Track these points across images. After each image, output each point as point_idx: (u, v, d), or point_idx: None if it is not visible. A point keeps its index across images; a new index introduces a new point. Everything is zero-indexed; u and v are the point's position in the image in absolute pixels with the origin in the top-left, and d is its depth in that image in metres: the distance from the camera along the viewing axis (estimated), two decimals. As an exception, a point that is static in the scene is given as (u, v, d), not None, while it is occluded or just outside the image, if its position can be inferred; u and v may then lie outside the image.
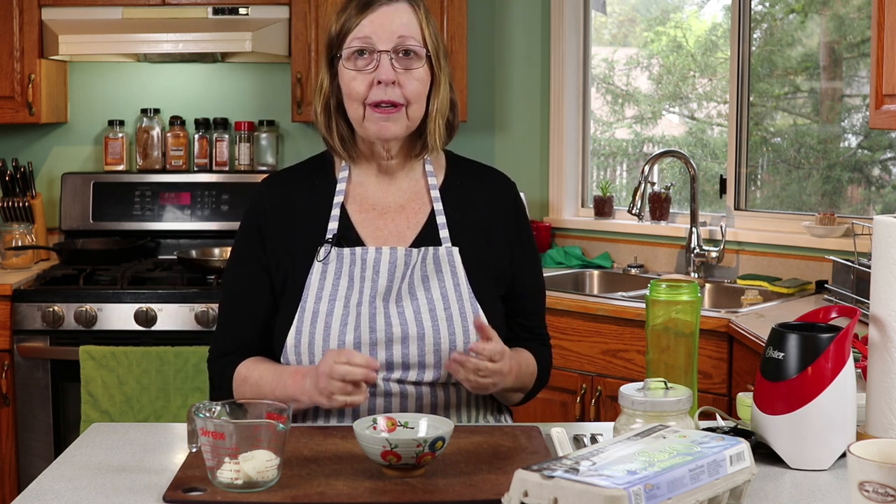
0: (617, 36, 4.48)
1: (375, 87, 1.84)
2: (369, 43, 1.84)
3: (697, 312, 1.75)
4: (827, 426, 1.57)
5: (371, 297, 1.85)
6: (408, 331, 1.84)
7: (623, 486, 1.20)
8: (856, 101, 3.76)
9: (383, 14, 1.85)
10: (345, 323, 1.84)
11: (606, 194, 4.09)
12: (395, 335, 1.84)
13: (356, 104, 1.86)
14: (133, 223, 4.05)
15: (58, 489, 1.51)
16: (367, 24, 1.84)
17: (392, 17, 1.85)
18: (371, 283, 1.86)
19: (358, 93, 1.85)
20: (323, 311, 1.85)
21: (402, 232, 1.93)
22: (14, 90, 3.81)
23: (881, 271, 1.62)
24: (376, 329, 1.84)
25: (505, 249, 1.96)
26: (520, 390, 1.95)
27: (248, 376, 1.89)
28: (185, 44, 3.77)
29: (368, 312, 1.84)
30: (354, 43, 1.84)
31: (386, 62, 1.83)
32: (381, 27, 1.84)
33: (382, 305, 1.85)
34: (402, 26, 1.85)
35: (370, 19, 1.84)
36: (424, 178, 1.96)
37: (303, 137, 4.23)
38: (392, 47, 1.84)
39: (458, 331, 1.85)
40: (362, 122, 1.87)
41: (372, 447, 1.50)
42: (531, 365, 1.96)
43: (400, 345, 1.84)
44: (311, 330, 1.84)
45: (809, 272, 3.49)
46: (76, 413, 3.44)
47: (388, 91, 1.83)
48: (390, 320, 1.84)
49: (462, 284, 1.88)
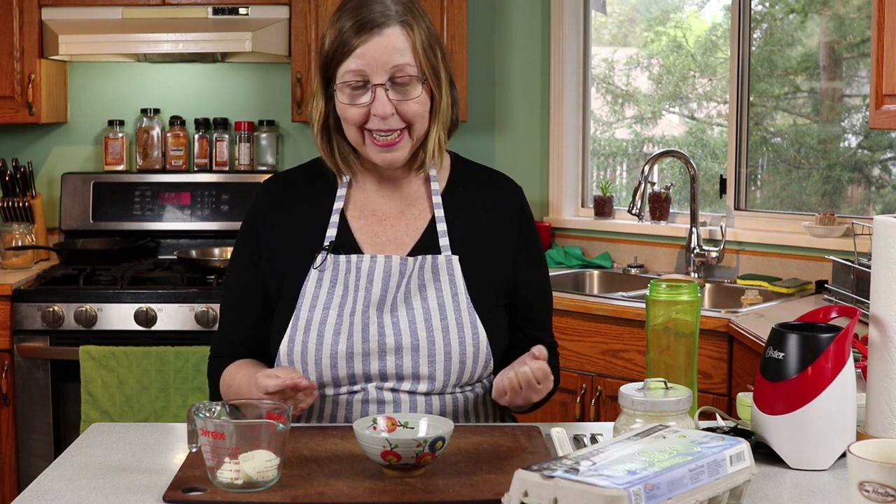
0: (617, 36, 4.48)
1: (373, 118, 1.80)
2: (363, 76, 1.79)
3: (697, 312, 1.74)
4: (827, 426, 1.57)
5: (364, 307, 1.83)
6: (401, 341, 1.81)
7: (623, 486, 1.20)
8: (856, 101, 3.76)
9: (375, 45, 1.78)
10: (337, 332, 1.81)
11: (606, 194, 4.09)
12: (388, 345, 1.81)
13: (354, 129, 1.83)
14: (133, 223, 4.05)
15: (58, 489, 1.51)
16: (359, 54, 1.78)
17: (384, 46, 1.78)
18: (364, 293, 1.83)
19: (355, 120, 1.81)
20: (316, 319, 1.83)
21: (400, 239, 1.90)
22: (14, 90, 3.81)
23: (881, 271, 1.62)
24: (369, 339, 1.81)
25: (508, 257, 1.93)
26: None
27: (231, 383, 1.88)
28: (185, 44, 3.77)
29: (361, 322, 1.82)
30: (347, 76, 1.79)
31: (382, 96, 1.79)
32: (374, 60, 1.78)
33: (376, 315, 1.82)
34: (397, 54, 1.79)
35: (362, 51, 1.78)
36: (426, 184, 1.94)
37: (303, 137, 4.23)
38: (387, 79, 1.79)
39: (454, 342, 1.82)
40: (363, 146, 1.84)
41: (372, 447, 1.50)
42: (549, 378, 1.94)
43: (393, 355, 1.81)
44: (304, 339, 1.82)
45: (809, 272, 3.49)
46: (76, 413, 3.44)
47: (387, 121, 1.80)
48: (384, 330, 1.82)
49: (461, 294, 1.85)
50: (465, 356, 1.83)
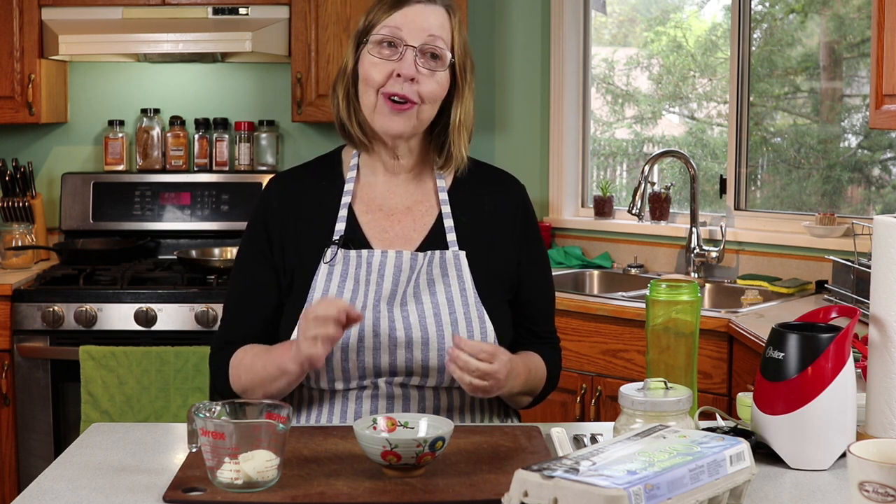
0: (617, 36, 4.48)
1: (393, 79, 1.83)
2: (398, 35, 1.83)
3: (697, 312, 1.74)
4: (827, 426, 1.57)
5: (375, 301, 1.84)
6: (412, 335, 1.82)
7: (623, 486, 1.20)
8: (856, 101, 3.77)
9: (418, 10, 1.84)
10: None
11: (606, 194, 4.09)
12: (398, 339, 1.82)
13: (371, 91, 1.85)
14: (133, 223, 4.05)
15: (58, 489, 1.51)
16: (399, 16, 1.84)
17: (426, 15, 1.84)
18: (376, 287, 1.85)
19: (375, 80, 1.84)
20: None
21: (408, 234, 1.92)
22: (14, 90, 3.81)
23: (881, 271, 1.62)
24: (380, 333, 1.82)
25: (512, 253, 1.95)
26: (529, 394, 1.93)
27: (243, 359, 1.88)
28: (185, 44, 3.78)
29: (372, 316, 1.83)
30: (384, 31, 1.84)
31: (410, 57, 1.83)
32: (413, 22, 1.83)
33: (387, 309, 1.84)
34: (435, 27, 1.84)
35: (404, 13, 1.84)
36: (433, 181, 1.96)
37: (303, 137, 4.23)
38: (420, 44, 1.83)
39: (463, 335, 1.83)
40: (374, 111, 1.86)
41: (372, 447, 1.50)
42: (540, 368, 1.94)
43: (403, 349, 1.82)
44: None
45: (809, 272, 3.49)
46: (76, 413, 3.44)
47: (405, 86, 1.82)
48: (394, 324, 1.83)
49: (468, 289, 1.87)
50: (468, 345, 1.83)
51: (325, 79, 3.85)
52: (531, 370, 1.91)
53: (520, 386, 1.86)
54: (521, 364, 1.87)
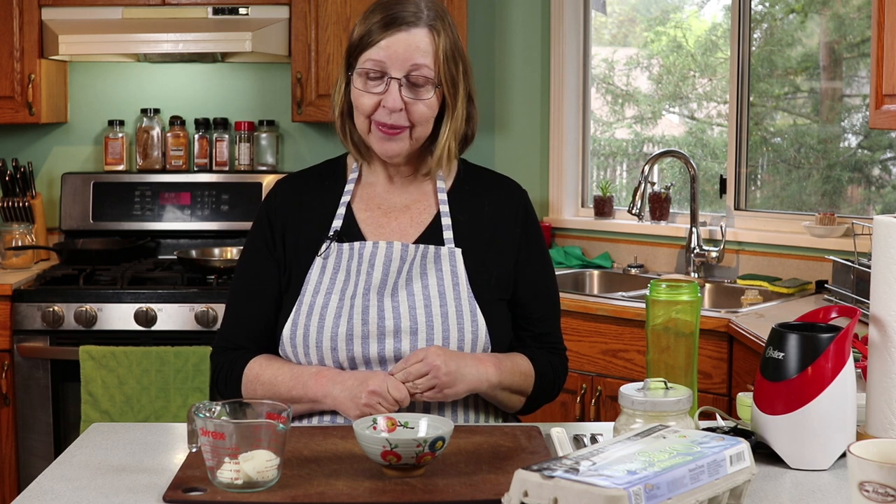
0: (617, 36, 4.48)
1: (381, 109, 1.85)
2: (382, 67, 1.84)
3: (697, 312, 1.74)
4: (827, 426, 1.57)
5: (365, 290, 1.86)
6: (400, 324, 1.84)
7: (623, 486, 1.20)
8: (856, 101, 3.77)
9: (400, 41, 1.83)
10: (338, 315, 1.84)
11: (606, 194, 4.09)
12: (387, 328, 1.84)
13: (362, 117, 1.88)
14: (133, 223, 4.05)
15: (58, 489, 1.51)
16: (383, 47, 1.83)
17: (408, 43, 1.83)
18: (366, 276, 1.87)
19: (364, 109, 1.86)
20: (319, 304, 1.86)
21: (405, 230, 1.94)
22: (14, 90, 3.81)
23: (881, 271, 1.62)
24: (368, 321, 1.84)
25: (510, 254, 1.95)
26: (517, 393, 1.92)
27: (261, 374, 1.88)
28: (185, 44, 3.78)
29: (361, 305, 1.85)
30: (367, 64, 1.84)
31: (395, 89, 1.83)
32: (395, 54, 1.83)
33: (376, 298, 1.85)
34: (419, 54, 1.84)
35: (387, 44, 1.83)
36: (433, 183, 1.98)
37: (303, 137, 4.23)
38: (403, 75, 1.84)
39: (453, 328, 1.84)
40: (368, 134, 1.89)
41: (372, 447, 1.50)
42: (523, 366, 1.91)
43: (392, 338, 1.84)
44: (307, 322, 1.86)
45: (809, 272, 3.49)
46: (76, 413, 3.44)
47: (393, 116, 1.84)
48: (383, 313, 1.84)
49: (462, 283, 1.88)
50: (464, 343, 1.85)
51: (325, 79, 3.85)
52: (513, 367, 1.88)
53: (493, 375, 1.84)
54: (490, 356, 1.86)
